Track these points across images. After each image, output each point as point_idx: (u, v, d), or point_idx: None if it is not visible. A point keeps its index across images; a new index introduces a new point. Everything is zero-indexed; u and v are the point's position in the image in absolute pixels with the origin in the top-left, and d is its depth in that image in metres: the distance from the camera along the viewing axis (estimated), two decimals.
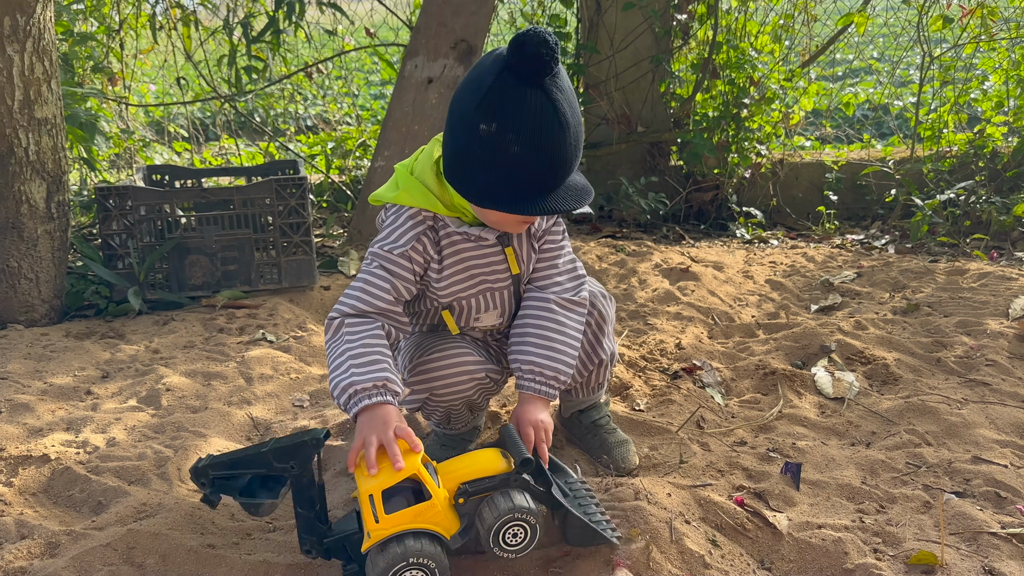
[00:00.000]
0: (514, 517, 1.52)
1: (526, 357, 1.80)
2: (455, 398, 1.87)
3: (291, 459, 1.51)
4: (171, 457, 2.07)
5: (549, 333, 1.81)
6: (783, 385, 2.52)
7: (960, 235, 4.43)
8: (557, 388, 1.81)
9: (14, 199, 3.06)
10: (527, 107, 1.51)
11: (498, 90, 1.51)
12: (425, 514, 1.49)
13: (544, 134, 1.52)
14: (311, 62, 5.58)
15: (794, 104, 5.37)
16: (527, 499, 1.55)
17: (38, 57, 3.02)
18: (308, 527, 1.57)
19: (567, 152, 1.56)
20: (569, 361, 1.82)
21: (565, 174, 1.59)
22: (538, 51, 1.47)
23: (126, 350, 2.90)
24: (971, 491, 1.92)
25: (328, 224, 4.55)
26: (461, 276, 1.81)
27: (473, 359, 1.85)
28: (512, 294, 1.88)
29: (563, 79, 1.55)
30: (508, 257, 1.82)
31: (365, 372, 1.59)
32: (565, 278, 1.88)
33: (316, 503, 1.56)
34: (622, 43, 4.95)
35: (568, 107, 1.54)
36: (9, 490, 1.90)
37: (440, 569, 1.48)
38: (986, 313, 3.04)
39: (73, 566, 1.58)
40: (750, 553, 1.72)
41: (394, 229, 1.76)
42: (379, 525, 1.46)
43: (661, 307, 3.36)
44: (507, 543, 1.54)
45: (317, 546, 1.57)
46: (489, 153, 1.54)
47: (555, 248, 1.89)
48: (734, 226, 5.00)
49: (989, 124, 4.87)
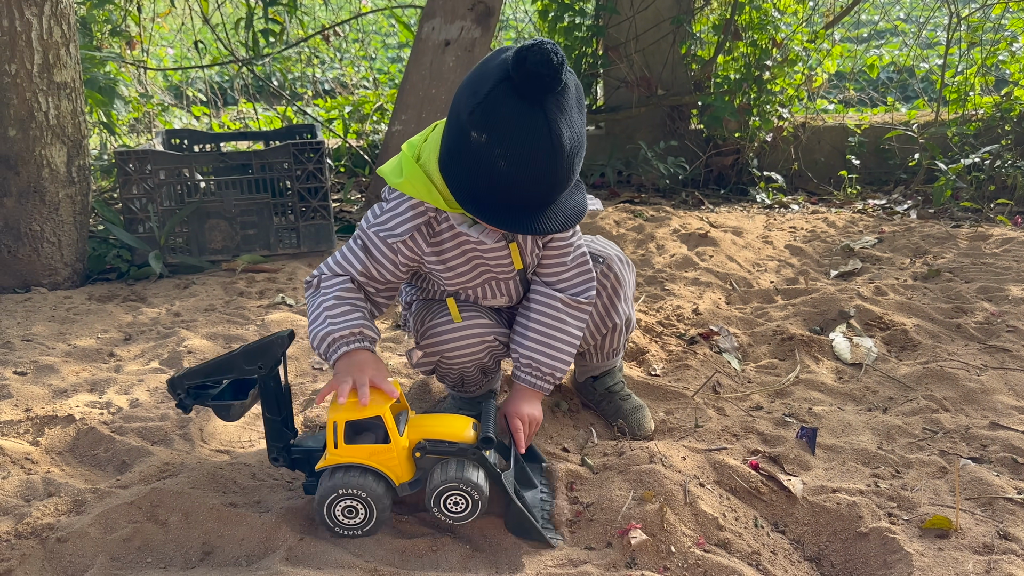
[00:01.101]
0: (458, 487, 1.58)
1: (526, 351, 1.83)
2: (466, 361, 1.89)
3: (258, 360, 1.60)
4: (193, 418, 2.10)
5: (551, 331, 1.83)
6: (800, 351, 2.51)
7: (984, 200, 4.37)
8: (552, 384, 1.85)
9: (35, 163, 3.08)
10: (521, 125, 1.43)
11: (493, 100, 1.44)
12: (380, 455, 1.59)
13: (535, 156, 1.45)
14: (328, 25, 5.54)
15: (817, 66, 5.28)
16: (479, 475, 1.60)
17: (56, 21, 3.02)
18: (275, 433, 1.66)
19: (558, 176, 1.50)
20: (566, 359, 1.85)
21: (554, 196, 1.54)
22: (538, 71, 1.40)
23: (148, 313, 2.93)
24: (988, 457, 1.91)
25: (346, 189, 4.56)
26: (466, 267, 1.82)
27: (483, 322, 1.86)
28: (518, 282, 1.88)
29: (569, 97, 1.46)
30: (512, 252, 1.80)
31: (341, 322, 1.67)
32: (573, 274, 1.86)
33: (282, 409, 1.65)
34: (642, 3, 4.88)
35: (567, 129, 1.46)
36: (36, 449, 1.94)
37: (378, 508, 1.58)
38: (1008, 279, 3.01)
39: (99, 523, 1.62)
40: (764, 516, 1.73)
41: (393, 216, 1.75)
42: (336, 451, 1.58)
43: (679, 272, 3.35)
44: (448, 508, 1.60)
45: (284, 454, 1.67)
46: (476, 162, 1.49)
47: (564, 244, 1.85)
48: (754, 191, 4.95)
49: (1017, 87, 4.77)
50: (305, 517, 1.68)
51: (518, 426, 1.79)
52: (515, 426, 1.79)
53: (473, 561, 1.57)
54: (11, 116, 3.02)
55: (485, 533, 1.64)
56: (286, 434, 1.68)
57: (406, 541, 1.60)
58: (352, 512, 1.59)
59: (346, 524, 1.60)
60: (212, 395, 1.66)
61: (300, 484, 1.84)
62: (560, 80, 1.42)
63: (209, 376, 1.64)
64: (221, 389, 1.67)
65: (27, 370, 2.38)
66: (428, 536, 1.62)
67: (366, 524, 1.60)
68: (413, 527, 1.65)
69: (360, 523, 1.60)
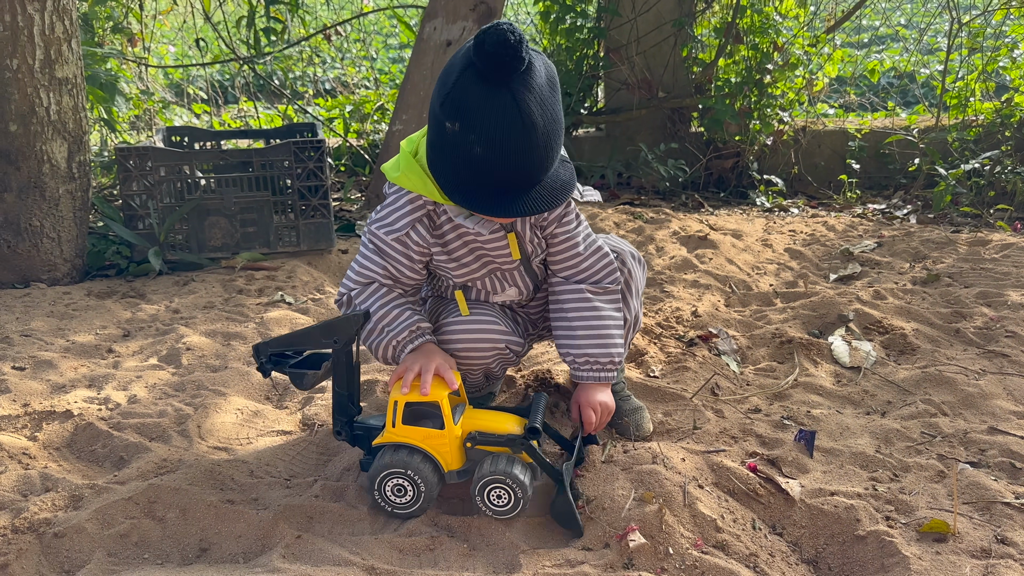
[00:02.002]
0: (504, 480, 1.62)
1: (578, 351, 1.84)
2: (475, 364, 1.89)
3: (334, 334, 1.69)
4: (191, 415, 2.10)
5: (594, 322, 1.85)
6: (799, 354, 2.51)
7: (984, 205, 4.37)
8: (614, 370, 1.86)
9: (36, 159, 3.08)
10: (490, 108, 1.45)
11: (461, 88, 1.47)
12: (433, 440, 1.65)
13: (507, 136, 1.47)
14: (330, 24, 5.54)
15: (818, 71, 5.29)
16: (525, 472, 1.63)
17: (58, 16, 3.02)
18: (341, 407, 1.74)
19: (535, 155, 1.51)
20: (618, 342, 1.87)
21: (537, 175, 1.54)
22: (496, 51, 1.41)
23: (147, 310, 2.93)
24: (986, 461, 1.91)
25: (346, 188, 4.56)
26: (470, 258, 1.83)
27: (498, 328, 1.86)
28: (524, 273, 1.89)
29: (536, 75, 1.48)
30: (510, 242, 1.81)
31: (396, 326, 1.75)
32: (591, 262, 1.87)
33: (350, 384, 1.73)
34: (644, 6, 4.88)
35: (538, 107, 1.47)
36: (33, 444, 1.94)
37: (427, 489, 1.64)
38: (1008, 284, 3.01)
39: (96, 518, 1.61)
40: (762, 518, 1.73)
41: (393, 211, 1.78)
42: (393, 430, 1.66)
43: (678, 275, 3.35)
44: (491, 501, 1.64)
45: (346, 428, 1.75)
46: (454, 151, 1.52)
47: (570, 235, 1.85)
48: (754, 194, 4.96)
49: (1017, 93, 4.78)
50: (303, 515, 1.68)
51: (590, 415, 1.83)
52: (587, 416, 1.83)
53: (471, 560, 1.56)
54: (12, 111, 3.01)
55: (483, 532, 1.64)
56: (351, 409, 1.75)
57: (404, 539, 1.60)
58: (401, 491, 1.64)
59: (394, 502, 1.65)
60: (290, 364, 1.75)
61: (297, 483, 1.84)
62: (521, 59, 1.44)
63: (290, 346, 1.74)
64: (299, 360, 1.77)
65: (25, 365, 2.38)
66: (426, 535, 1.62)
67: (412, 504, 1.65)
68: (413, 525, 1.64)
69: (407, 503, 1.65)
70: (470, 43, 1.46)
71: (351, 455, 1.92)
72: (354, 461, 1.88)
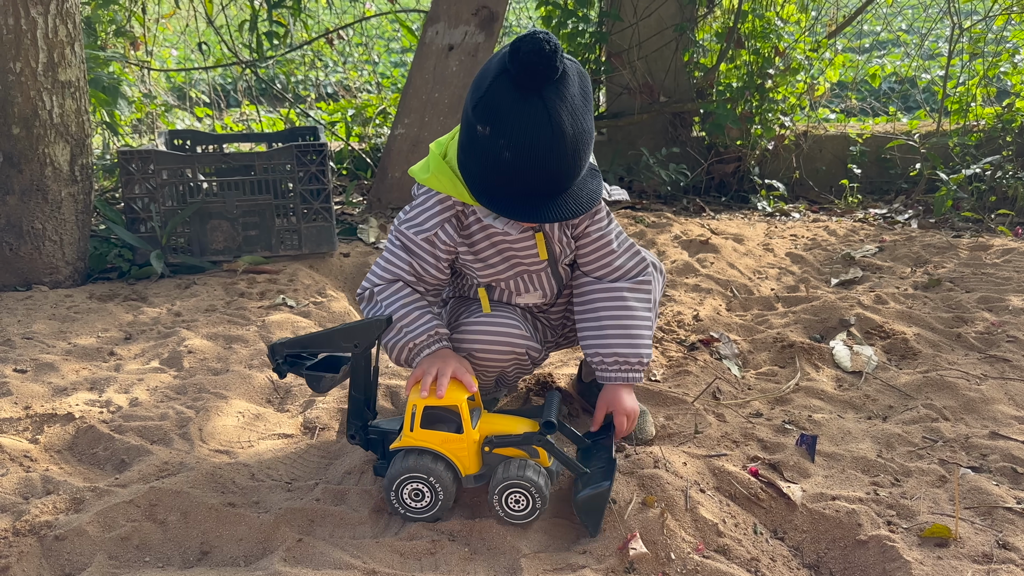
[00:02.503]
0: (520, 484, 1.61)
1: (608, 349, 1.83)
2: (490, 366, 1.89)
3: (355, 338, 1.67)
4: (192, 418, 2.10)
5: (625, 321, 1.84)
6: (801, 358, 2.51)
7: (985, 210, 4.37)
8: (642, 371, 1.86)
9: (38, 161, 3.09)
10: (521, 114, 1.48)
11: (494, 93, 1.49)
12: (451, 444, 1.65)
13: (536, 143, 1.49)
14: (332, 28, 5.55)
15: (819, 75, 5.29)
16: (542, 477, 1.63)
17: (62, 19, 3.03)
18: (356, 411, 1.74)
19: (564, 162, 1.53)
20: (647, 342, 1.86)
21: (564, 182, 1.56)
22: (531, 60, 1.44)
23: (148, 312, 2.93)
24: (987, 466, 1.91)
25: (348, 191, 4.56)
26: (497, 259, 1.84)
27: (518, 332, 1.86)
28: (550, 275, 1.89)
29: (570, 85, 1.50)
30: (538, 243, 1.82)
31: (415, 328, 1.76)
32: (626, 259, 1.88)
33: (368, 389, 1.73)
34: (646, 11, 4.88)
35: (568, 116, 1.49)
36: (35, 447, 1.94)
37: (444, 494, 1.64)
38: (1009, 289, 3.01)
39: (97, 521, 1.61)
40: (763, 523, 1.73)
41: (422, 211, 1.80)
42: (411, 434, 1.66)
43: (680, 279, 3.35)
44: (509, 506, 1.63)
45: (361, 432, 1.75)
46: (484, 154, 1.54)
47: (604, 234, 1.86)
48: (756, 199, 4.96)
49: (1018, 98, 4.78)
50: (304, 518, 1.68)
51: (623, 422, 1.82)
52: (620, 422, 1.82)
53: (472, 564, 1.56)
54: (15, 114, 3.02)
55: (484, 536, 1.64)
56: (367, 414, 1.75)
57: (405, 543, 1.60)
58: (419, 495, 1.65)
59: (411, 507, 1.66)
60: (307, 366, 1.73)
61: (299, 486, 1.84)
62: (555, 68, 1.46)
63: (307, 347, 1.73)
64: (316, 362, 1.74)
65: (27, 368, 2.38)
66: (427, 538, 1.62)
67: (430, 509, 1.65)
68: (413, 529, 1.64)
69: (424, 507, 1.65)
70: (506, 49, 1.49)
71: (352, 458, 1.92)
72: (355, 464, 1.88)
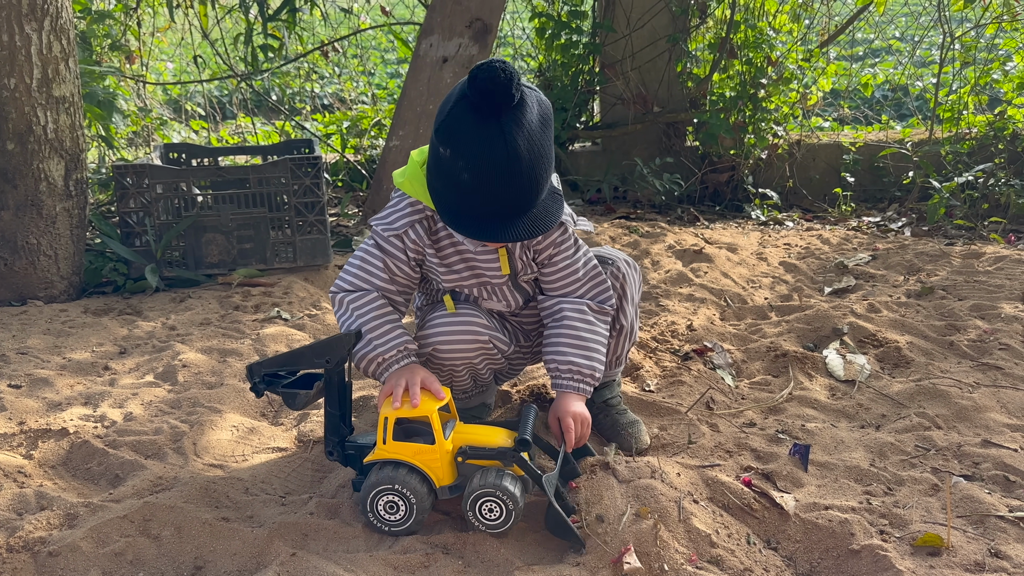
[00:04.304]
0: (494, 493, 1.62)
1: (563, 358, 1.87)
2: (457, 359, 1.91)
3: (326, 354, 1.70)
4: (187, 432, 2.10)
5: (584, 334, 1.88)
6: (794, 367, 2.52)
7: (977, 218, 4.39)
8: (593, 385, 1.89)
9: (33, 177, 3.09)
10: (478, 138, 1.54)
11: (454, 117, 1.56)
12: (424, 455, 1.66)
13: (492, 166, 1.55)
14: (327, 40, 5.58)
15: (812, 84, 5.32)
16: (516, 486, 1.64)
17: (56, 35, 3.04)
18: (333, 427, 1.75)
19: (520, 185, 1.58)
20: (601, 359, 1.90)
21: (520, 204, 1.62)
22: (486, 87, 1.50)
23: (143, 326, 2.94)
24: (980, 474, 1.92)
25: (343, 203, 4.58)
26: (461, 267, 1.89)
27: (481, 323, 1.90)
28: (512, 288, 1.94)
29: (527, 112, 1.55)
30: (500, 257, 1.87)
31: (384, 342, 1.79)
32: (590, 286, 1.92)
33: (342, 404, 1.75)
34: (639, 22, 4.91)
35: (524, 141, 1.55)
36: (29, 462, 1.94)
37: (419, 506, 1.64)
38: (1001, 297, 3.02)
39: (91, 537, 1.61)
40: (757, 533, 1.73)
41: (394, 211, 1.86)
42: (384, 447, 1.67)
43: (674, 288, 3.36)
44: (483, 515, 1.64)
45: (339, 448, 1.76)
46: (446, 175, 1.61)
47: (568, 258, 1.90)
48: (749, 207, 4.98)
49: (1010, 106, 4.81)
50: (298, 532, 1.68)
51: (570, 425, 1.83)
52: (567, 425, 1.83)
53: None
54: (9, 130, 3.03)
55: (478, 549, 1.64)
56: (343, 429, 1.76)
57: (399, 556, 1.60)
58: (393, 508, 1.65)
59: (386, 519, 1.66)
60: (283, 383, 1.75)
61: (293, 500, 1.84)
62: (510, 95, 1.52)
63: (283, 366, 1.75)
64: (292, 380, 1.77)
65: (22, 383, 2.38)
66: (421, 551, 1.62)
67: (405, 521, 1.66)
68: (407, 542, 1.65)
69: (400, 519, 1.66)
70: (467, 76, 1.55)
71: (346, 472, 1.92)
72: (349, 478, 1.88)
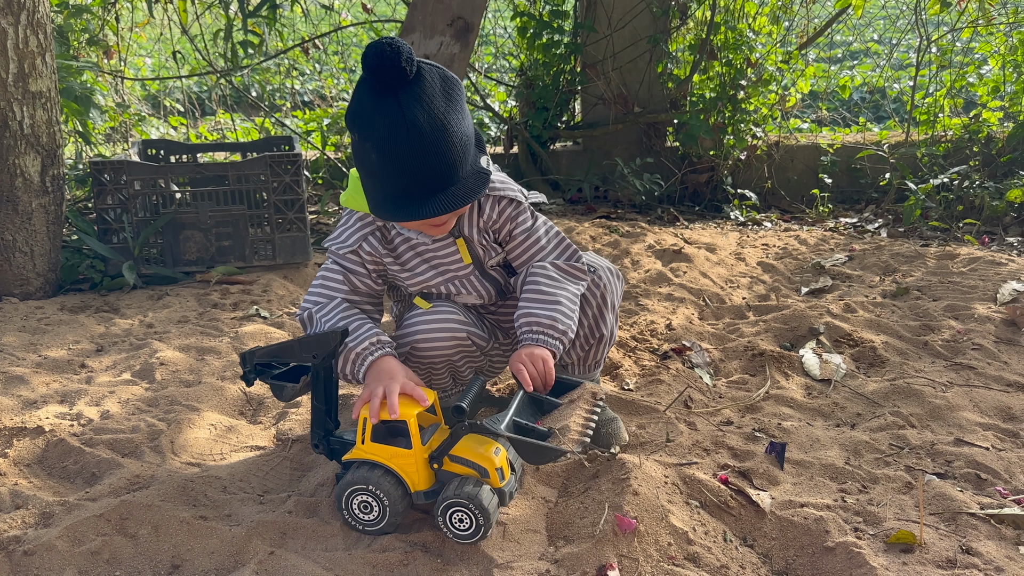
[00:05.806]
0: (464, 504, 1.59)
1: (524, 311, 1.82)
2: (436, 355, 1.91)
3: (313, 350, 1.70)
4: (164, 430, 2.09)
5: (546, 289, 1.84)
6: (771, 366, 2.54)
7: (952, 220, 4.45)
8: (557, 338, 1.80)
9: (8, 172, 3.06)
10: (379, 116, 1.55)
11: (357, 99, 1.58)
12: (400, 459, 1.65)
13: (395, 143, 1.55)
14: (307, 37, 5.55)
15: (791, 86, 5.36)
16: (491, 499, 1.60)
17: (32, 30, 3.01)
18: (319, 420, 1.77)
19: (428, 160, 1.57)
20: (567, 312, 1.82)
21: (431, 181, 1.59)
22: (373, 63, 1.52)
23: (120, 324, 2.91)
24: (952, 472, 1.95)
25: (323, 201, 4.56)
26: (423, 267, 1.89)
27: (458, 318, 1.89)
28: (480, 278, 1.93)
29: (427, 87, 1.56)
30: (459, 248, 1.87)
31: (357, 338, 1.77)
32: (551, 247, 1.92)
33: (328, 399, 1.75)
34: (620, 22, 4.93)
35: (424, 115, 1.54)
36: (4, 461, 1.92)
37: (392, 508, 1.64)
38: (975, 298, 3.07)
39: (67, 535, 1.60)
40: (733, 530, 1.75)
41: (344, 229, 1.88)
42: (362, 447, 1.68)
43: (653, 288, 3.38)
44: (452, 524, 1.62)
45: (324, 442, 1.77)
46: (361, 162, 1.63)
47: (527, 230, 1.91)
48: (729, 208, 5.01)
49: (985, 109, 4.88)
50: (276, 531, 1.67)
51: (519, 368, 1.74)
52: (517, 368, 1.74)
53: (444, 575, 1.57)
54: None
55: (457, 547, 1.64)
56: (328, 424, 1.77)
57: (377, 555, 1.60)
58: (367, 508, 1.65)
59: (360, 519, 1.67)
60: (273, 375, 1.76)
61: (271, 498, 1.84)
62: (401, 70, 1.52)
63: (275, 357, 1.76)
64: (282, 372, 1.77)
65: None
66: (400, 550, 1.62)
67: (379, 522, 1.66)
68: (386, 540, 1.65)
69: (373, 520, 1.66)
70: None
71: (325, 470, 1.92)
72: (328, 476, 1.88)
